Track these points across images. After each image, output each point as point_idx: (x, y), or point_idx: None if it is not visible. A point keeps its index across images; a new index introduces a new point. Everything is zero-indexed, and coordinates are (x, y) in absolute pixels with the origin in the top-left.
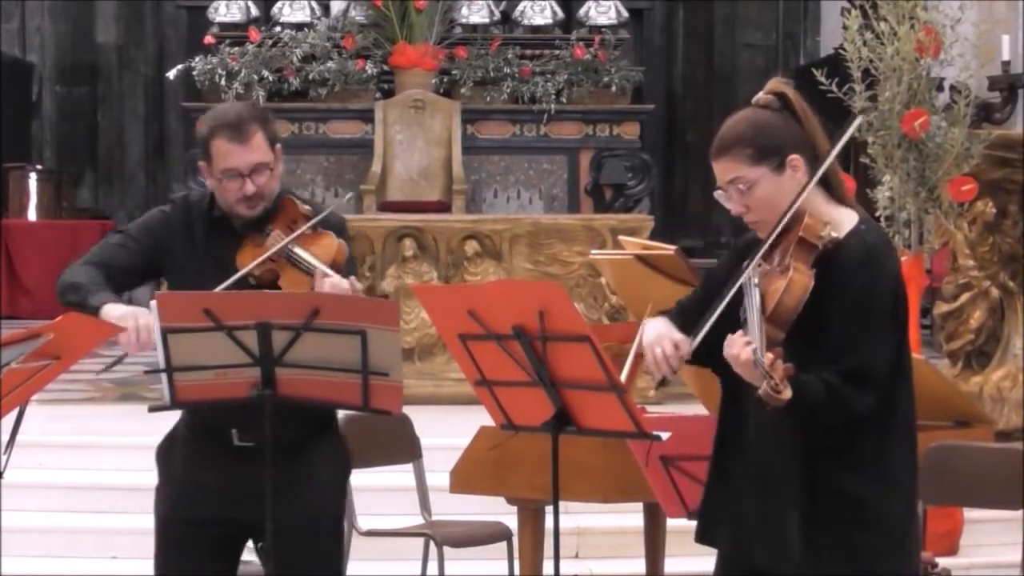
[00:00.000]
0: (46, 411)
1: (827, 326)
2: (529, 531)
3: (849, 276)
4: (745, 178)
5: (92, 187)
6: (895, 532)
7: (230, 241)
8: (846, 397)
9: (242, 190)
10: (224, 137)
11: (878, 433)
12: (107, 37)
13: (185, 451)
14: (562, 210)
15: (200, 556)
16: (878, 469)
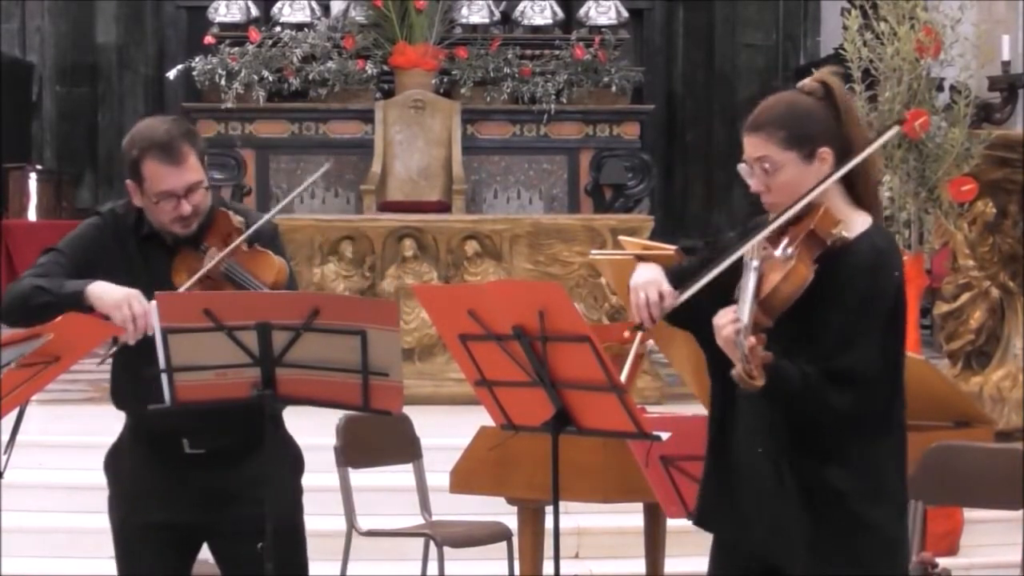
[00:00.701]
0: (46, 411)
1: (824, 323)
2: (529, 531)
3: (854, 278)
4: (772, 159)
5: (92, 187)
6: (888, 536)
7: (163, 256)
8: (824, 394)
9: (177, 210)
10: (156, 159)
11: (871, 439)
12: (107, 37)
13: (134, 458)
14: (562, 210)
15: (157, 559)
16: (874, 480)
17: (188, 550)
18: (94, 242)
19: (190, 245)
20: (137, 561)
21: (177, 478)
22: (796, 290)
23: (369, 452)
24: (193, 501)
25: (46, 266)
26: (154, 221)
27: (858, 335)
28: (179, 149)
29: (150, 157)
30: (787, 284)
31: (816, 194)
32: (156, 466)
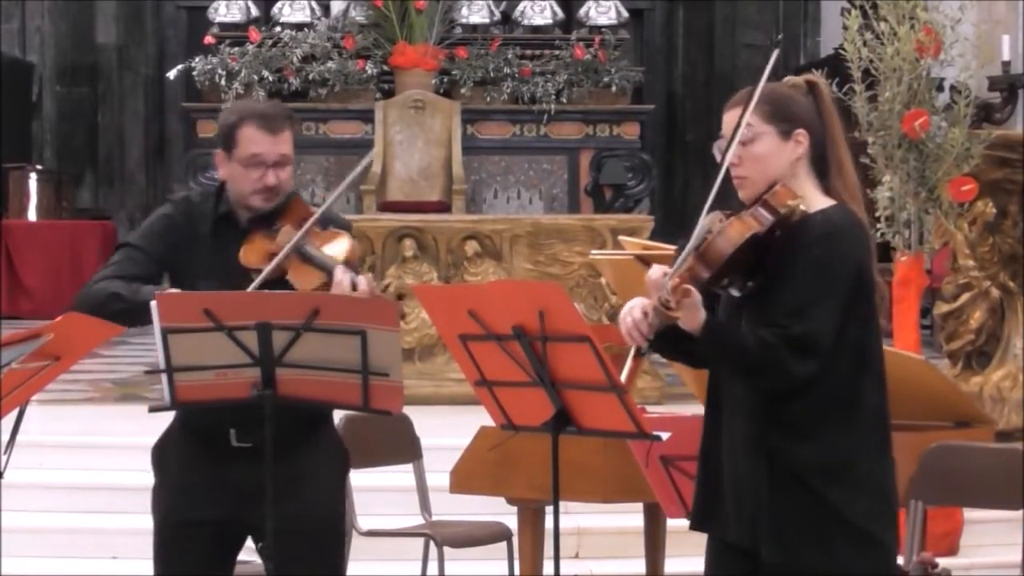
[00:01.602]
0: (46, 411)
1: (781, 292)
2: (529, 531)
3: (807, 247)
4: (752, 127)
5: (92, 187)
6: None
7: (236, 238)
8: (782, 359)
9: (263, 180)
10: (255, 125)
11: (841, 422)
12: (107, 37)
13: (181, 452)
14: (562, 210)
15: (198, 557)
16: (843, 462)
17: (230, 548)
18: (165, 231)
19: (263, 227)
20: (177, 559)
21: (222, 473)
22: (729, 245)
23: (369, 452)
24: (237, 497)
25: (120, 264)
26: (235, 193)
27: (811, 303)
28: (278, 120)
29: (249, 123)
30: (721, 237)
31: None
32: (202, 460)
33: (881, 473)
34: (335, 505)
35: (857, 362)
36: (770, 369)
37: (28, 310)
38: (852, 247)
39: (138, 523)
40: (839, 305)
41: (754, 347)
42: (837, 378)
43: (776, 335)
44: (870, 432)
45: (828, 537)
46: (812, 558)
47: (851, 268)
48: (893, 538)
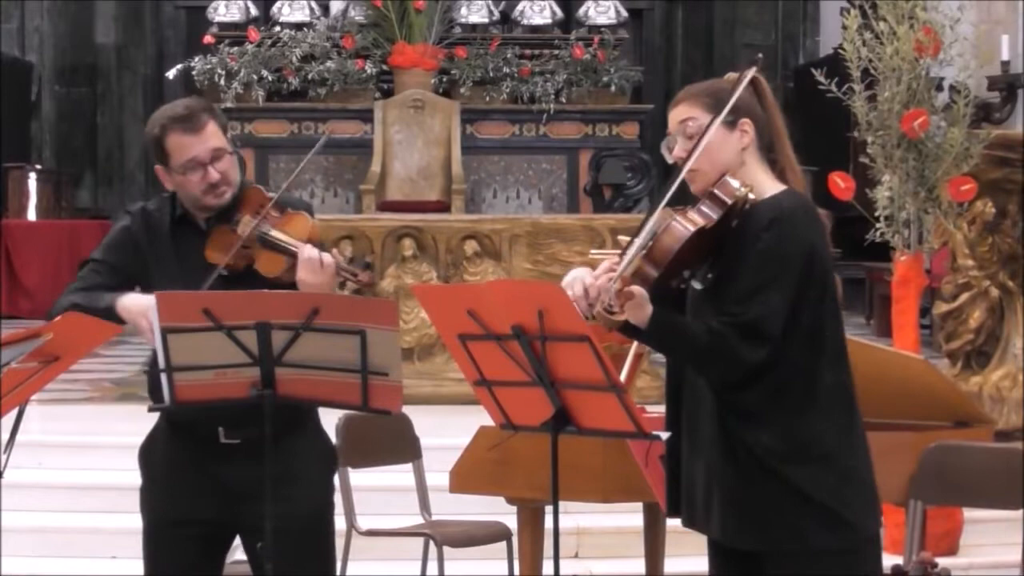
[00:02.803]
0: (46, 411)
1: (732, 280)
2: (529, 531)
3: (756, 234)
4: (697, 121)
5: (91, 187)
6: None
7: (196, 239)
8: (733, 346)
9: (206, 179)
10: (178, 130)
11: (797, 404)
12: (106, 37)
13: (168, 451)
14: (561, 210)
15: (188, 557)
16: (801, 441)
17: (218, 547)
18: (125, 243)
19: (223, 222)
20: (166, 559)
21: (211, 472)
22: (675, 242)
23: (368, 452)
24: (226, 496)
25: (84, 279)
26: (187, 200)
27: (759, 288)
28: (198, 118)
29: (171, 131)
30: (667, 235)
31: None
32: (189, 459)
33: (846, 452)
34: (323, 502)
35: (811, 345)
36: (721, 358)
37: (27, 310)
38: (801, 230)
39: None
40: (789, 289)
41: (703, 337)
42: (791, 362)
43: (725, 323)
44: (830, 413)
45: (796, 518)
46: (784, 540)
47: (801, 252)
48: (866, 516)
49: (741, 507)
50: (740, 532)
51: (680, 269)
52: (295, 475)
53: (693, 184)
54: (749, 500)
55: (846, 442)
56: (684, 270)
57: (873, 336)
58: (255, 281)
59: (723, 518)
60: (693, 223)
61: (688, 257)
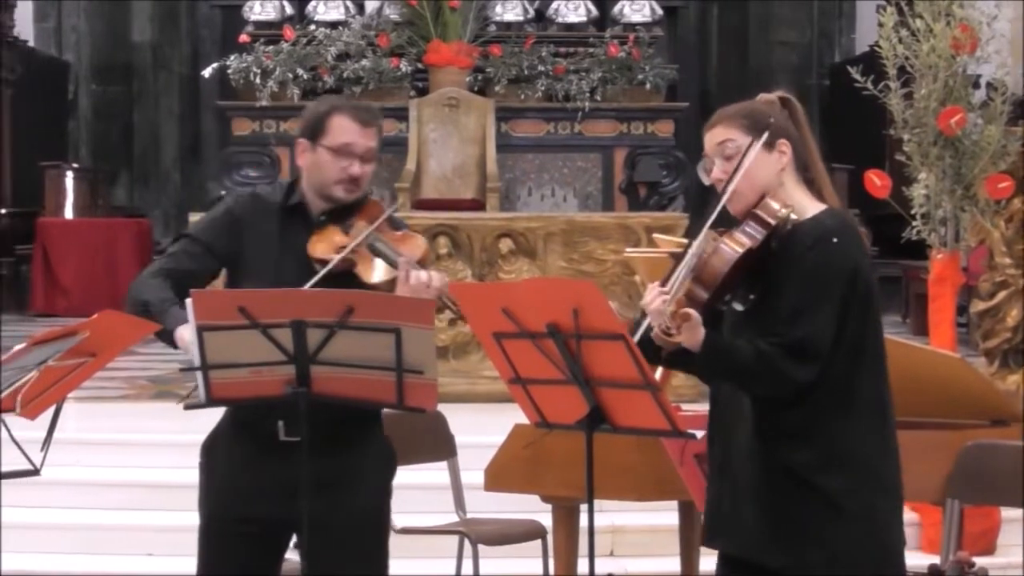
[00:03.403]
0: (82, 408)
1: (778, 300)
2: (564, 529)
3: (801, 254)
4: (735, 143)
5: (127, 185)
6: (861, 516)
7: (303, 230)
8: (781, 368)
9: (348, 170)
10: (349, 115)
11: (838, 417)
12: (142, 36)
13: (229, 448)
14: (596, 208)
15: (243, 555)
16: (839, 452)
17: (274, 546)
18: (226, 219)
19: (336, 222)
20: (220, 557)
21: (268, 469)
22: (724, 264)
23: (403, 450)
24: (285, 493)
25: (176, 257)
26: (315, 184)
27: (806, 308)
28: (373, 116)
29: (342, 112)
30: (715, 257)
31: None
32: (248, 456)
33: (880, 462)
34: (380, 504)
35: (852, 359)
36: (770, 378)
37: (64, 308)
38: (845, 249)
39: (173, 520)
40: (835, 308)
41: (752, 358)
42: (834, 379)
43: (774, 344)
44: (867, 421)
45: (827, 529)
46: (815, 555)
47: (845, 270)
48: (895, 530)
49: (775, 522)
50: (770, 548)
51: (726, 291)
52: (354, 474)
53: (732, 205)
54: (783, 516)
55: (881, 451)
56: (728, 292)
57: (909, 335)
58: (351, 285)
59: (754, 533)
60: (741, 245)
61: (734, 279)
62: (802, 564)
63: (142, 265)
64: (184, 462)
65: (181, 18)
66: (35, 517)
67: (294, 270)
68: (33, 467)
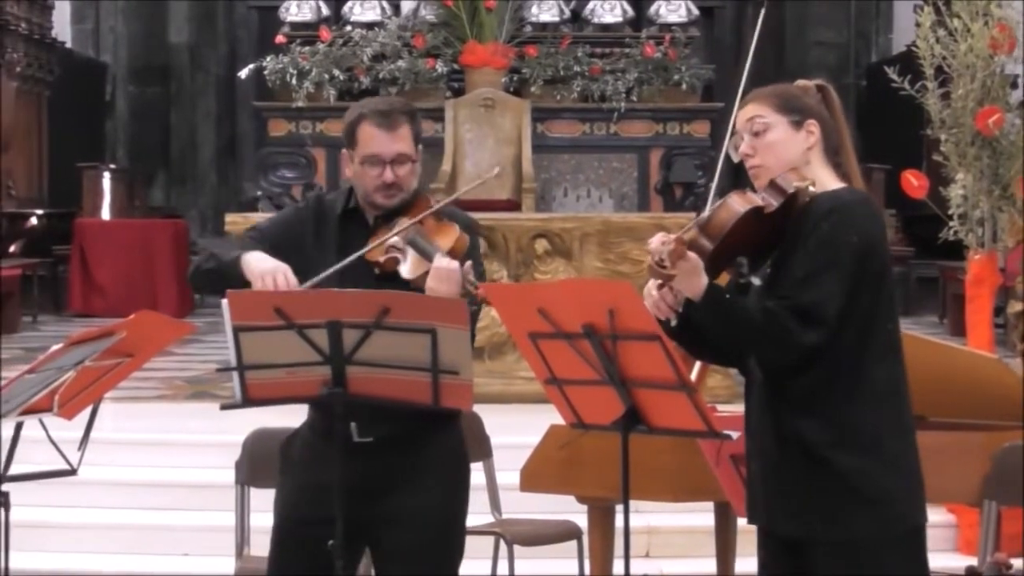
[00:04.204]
0: (119, 409)
1: (790, 265)
2: (599, 530)
3: (816, 223)
4: (764, 119)
5: (164, 186)
6: (876, 499)
7: (360, 233)
8: (787, 327)
9: (381, 177)
10: (372, 123)
11: (847, 393)
12: (179, 37)
13: (303, 450)
14: (632, 208)
15: (314, 556)
16: (850, 430)
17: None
18: (292, 218)
19: (387, 222)
20: (290, 558)
21: (341, 470)
22: (730, 217)
23: None
24: (354, 495)
25: (236, 238)
26: (360, 191)
27: (817, 274)
28: (395, 118)
29: (367, 120)
30: (722, 209)
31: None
32: (322, 457)
33: (893, 443)
34: (451, 505)
35: (862, 337)
36: (775, 338)
37: (101, 308)
38: (860, 222)
39: (210, 520)
40: (845, 277)
41: (757, 315)
42: (841, 352)
43: (781, 304)
44: (878, 405)
45: (842, 506)
46: (825, 529)
47: (859, 241)
48: (912, 506)
49: (788, 494)
50: (786, 519)
51: (733, 252)
52: (424, 475)
53: (758, 180)
54: (796, 487)
55: (894, 433)
56: (738, 255)
57: (947, 335)
58: (402, 282)
59: (772, 505)
60: (750, 202)
61: (741, 240)
62: (822, 538)
63: (179, 265)
64: (220, 462)
65: (218, 19)
66: (72, 517)
67: (353, 271)
68: (70, 467)
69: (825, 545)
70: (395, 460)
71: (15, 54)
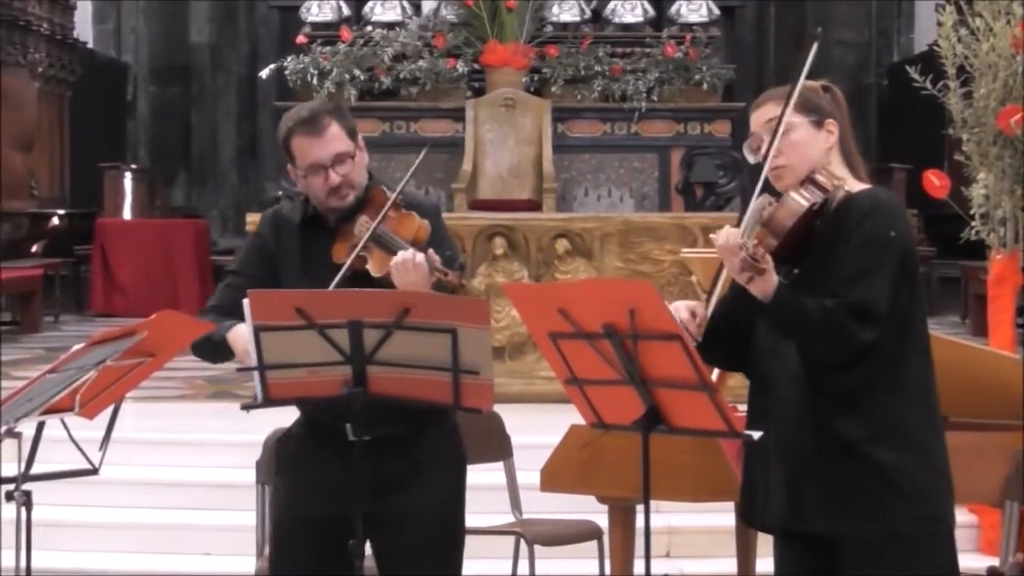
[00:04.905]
0: (140, 408)
1: (836, 263)
2: (620, 530)
3: (859, 221)
4: (786, 119)
5: (185, 186)
6: (913, 496)
7: (324, 238)
8: (843, 323)
9: (327, 182)
10: (301, 133)
11: (886, 390)
12: (200, 37)
13: (298, 449)
14: (653, 208)
15: (315, 554)
16: (888, 426)
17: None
18: (257, 252)
19: (348, 222)
20: (291, 556)
21: (337, 469)
22: (791, 215)
23: None
24: (352, 493)
25: (221, 294)
26: (314, 200)
27: (866, 271)
28: (320, 121)
29: (296, 133)
30: (781, 209)
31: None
32: (317, 456)
33: (928, 441)
34: (449, 503)
35: (901, 335)
36: (835, 335)
37: (122, 308)
38: (898, 222)
39: (231, 519)
40: (891, 274)
41: (818, 313)
42: (883, 349)
43: (836, 302)
44: (915, 403)
45: (881, 501)
46: (863, 526)
47: (899, 241)
48: (944, 506)
49: (825, 491)
50: (822, 517)
51: (785, 250)
52: (421, 473)
53: (781, 181)
54: (834, 484)
55: (929, 432)
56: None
57: (968, 335)
58: (377, 281)
59: (804, 503)
60: (805, 199)
61: (792, 241)
62: (858, 534)
63: (199, 265)
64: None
65: (239, 19)
66: (93, 516)
67: (324, 277)
68: (92, 466)
69: (860, 542)
70: (392, 459)
71: (37, 54)
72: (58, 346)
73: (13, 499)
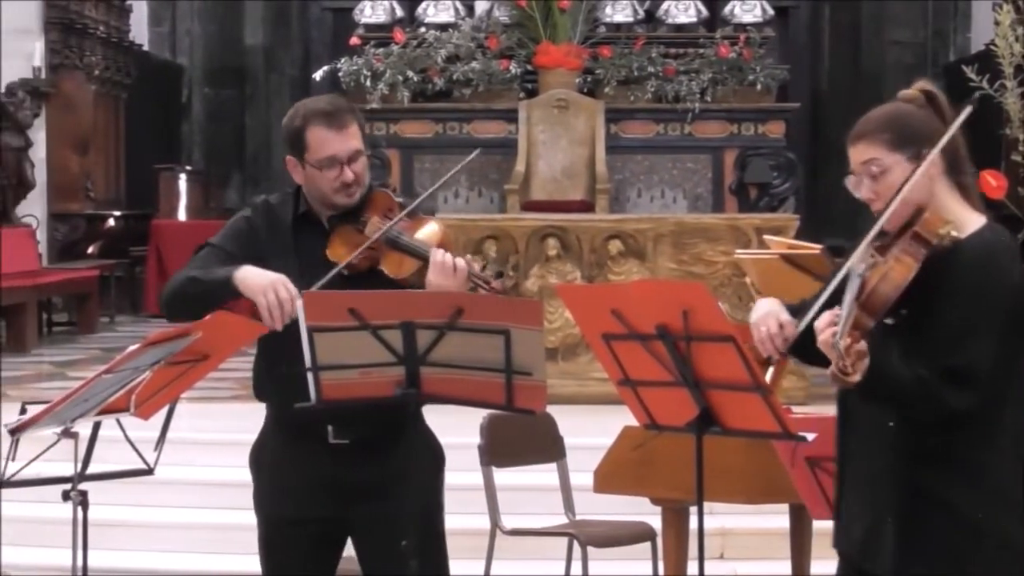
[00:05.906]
0: (195, 409)
1: (937, 321)
2: (673, 532)
3: (964, 275)
4: (880, 161)
5: (239, 187)
6: (999, 544)
7: (317, 237)
8: (939, 393)
9: (340, 178)
10: (322, 125)
11: (981, 440)
12: (254, 39)
13: (278, 451)
14: (706, 209)
15: (302, 556)
16: (980, 477)
17: (332, 546)
18: (245, 233)
19: (348, 222)
20: (281, 559)
21: (319, 471)
22: (894, 290)
23: (513, 451)
24: (334, 495)
25: (201, 259)
26: (315, 195)
27: (970, 332)
28: (342, 116)
29: (315, 124)
30: (885, 284)
31: (907, 190)
32: (298, 459)
33: (1012, 488)
34: (431, 501)
35: (1002, 386)
36: (926, 404)
37: None
38: (1008, 271)
39: None
40: (995, 331)
41: (911, 384)
42: (983, 406)
43: (933, 369)
44: (1008, 453)
45: (966, 553)
46: (947, 569)
47: (1007, 293)
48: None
49: (911, 538)
50: (901, 563)
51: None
52: (403, 475)
53: (886, 223)
54: (920, 532)
55: (1013, 477)
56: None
57: None
58: (376, 281)
59: (884, 548)
60: (908, 268)
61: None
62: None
63: None
64: None
65: (292, 21)
66: (148, 516)
67: (317, 275)
68: (147, 466)
69: None
70: (372, 461)
71: (94, 57)
72: (114, 347)
73: (70, 499)
